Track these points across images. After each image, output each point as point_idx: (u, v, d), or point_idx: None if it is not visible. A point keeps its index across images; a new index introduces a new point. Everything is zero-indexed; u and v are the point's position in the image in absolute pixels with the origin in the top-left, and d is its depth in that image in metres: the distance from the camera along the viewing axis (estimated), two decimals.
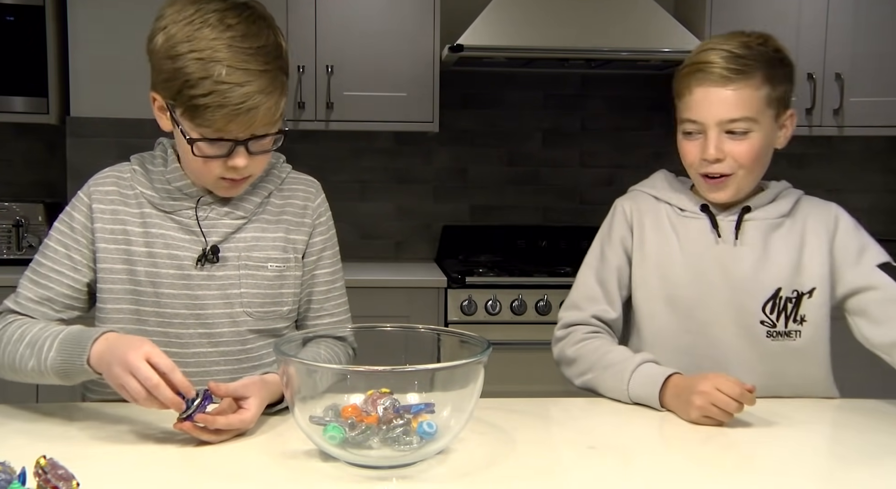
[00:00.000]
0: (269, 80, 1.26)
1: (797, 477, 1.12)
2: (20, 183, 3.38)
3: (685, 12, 3.35)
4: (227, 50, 1.23)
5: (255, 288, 1.40)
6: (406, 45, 3.13)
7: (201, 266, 1.38)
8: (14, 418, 1.32)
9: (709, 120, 1.42)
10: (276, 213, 1.44)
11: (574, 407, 1.44)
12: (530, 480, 1.08)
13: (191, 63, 1.23)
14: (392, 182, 3.51)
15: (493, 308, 2.90)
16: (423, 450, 1.10)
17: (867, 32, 3.21)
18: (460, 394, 1.12)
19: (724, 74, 1.40)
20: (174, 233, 1.38)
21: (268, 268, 1.40)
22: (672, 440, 1.27)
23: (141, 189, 1.40)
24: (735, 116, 1.41)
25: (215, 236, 1.39)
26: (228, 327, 1.39)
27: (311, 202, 1.48)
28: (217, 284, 1.38)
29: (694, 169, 1.48)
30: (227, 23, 1.25)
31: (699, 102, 1.42)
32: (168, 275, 1.37)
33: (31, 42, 3.03)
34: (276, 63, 1.28)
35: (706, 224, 1.50)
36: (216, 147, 1.29)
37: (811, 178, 3.63)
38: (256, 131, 1.28)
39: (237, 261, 1.39)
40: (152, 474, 1.08)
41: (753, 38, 1.44)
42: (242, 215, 1.40)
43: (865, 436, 1.30)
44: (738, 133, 1.42)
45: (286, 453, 1.17)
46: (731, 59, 1.40)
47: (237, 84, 1.22)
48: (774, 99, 1.44)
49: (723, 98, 1.41)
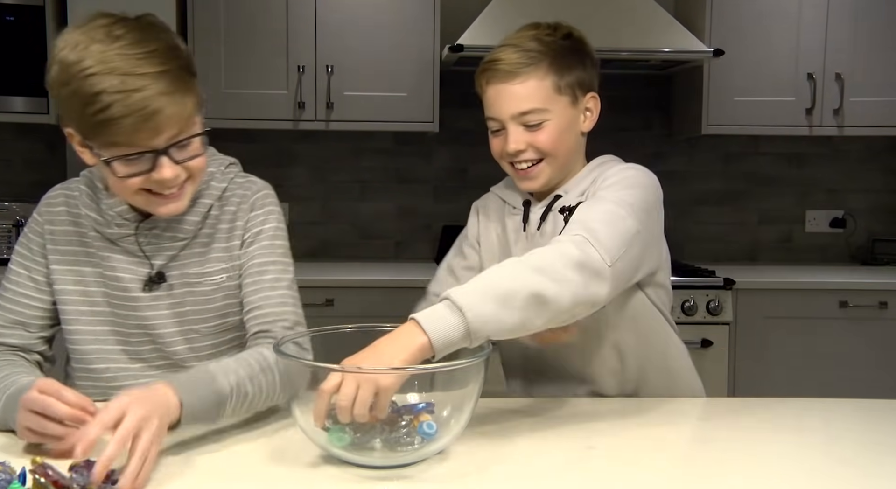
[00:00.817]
0: (169, 80, 1.20)
1: (797, 477, 1.12)
2: (20, 183, 3.38)
3: (685, 12, 3.35)
4: (119, 59, 1.18)
5: (200, 304, 1.39)
6: (406, 45, 3.13)
7: (148, 289, 1.37)
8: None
9: (503, 115, 1.44)
10: (213, 224, 1.41)
11: (574, 407, 1.44)
12: (530, 480, 1.08)
13: (83, 81, 1.18)
14: (392, 182, 3.51)
15: None
16: (423, 450, 1.11)
17: (867, 32, 3.21)
18: (460, 394, 1.12)
19: (508, 70, 1.42)
20: (120, 255, 1.37)
21: (206, 284, 1.39)
22: (672, 440, 1.27)
23: (86, 211, 1.38)
24: (524, 109, 1.42)
25: (160, 259, 1.38)
26: (183, 345, 1.39)
27: (244, 205, 1.42)
28: (165, 304, 1.38)
29: (504, 161, 1.49)
30: (114, 34, 1.20)
31: (492, 100, 1.45)
32: (119, 298, 1.37)
33: (31, 42, 3.03)
34: (173, 63, 1.22)
35: (518, 218, 1.53)
36: (136, 164, 1.23)
37: (811, 177, 3.63)
38: (173, 138, 1.24)
39: (180, 279, 1.38)
40: (152, 475, 1.08)
41: (542, 30, 1.47)
42: (183, 237, 1.38)
43: (864, 436, 1.30)
44: (533, 125, 1.43)
45: (286, 453, 1.17)
46: (518, 53, 1.42)
47: (134, 90, 1.17)
48: (566, 85, 1.44)
49: (511, 93, 1.42)
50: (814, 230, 3.65)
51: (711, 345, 2.92)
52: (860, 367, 3.03)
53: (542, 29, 1.47)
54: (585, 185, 1.47)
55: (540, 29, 1.47)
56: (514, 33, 1.48)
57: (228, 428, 1.28)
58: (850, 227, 3.64)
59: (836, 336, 3.03)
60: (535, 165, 1.45)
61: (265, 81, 3.11)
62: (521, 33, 1.47)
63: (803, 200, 3.65)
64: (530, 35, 1.46)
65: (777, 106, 3.24)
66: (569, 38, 1.48)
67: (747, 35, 3.22)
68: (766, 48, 3.23)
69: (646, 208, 1.36)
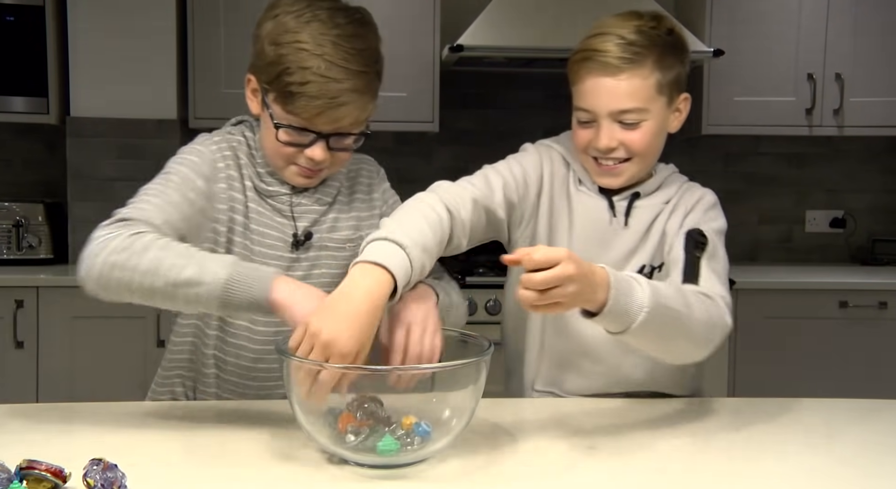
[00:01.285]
0: (365, 81, 1.30)
1: (797, 477, 1.12)
2: (20, 183, 3.38)
3: (685, 12, 3.35)
4: (331, 46, 1.27)
5: (333, 268, 1.43)
6: (406, 45, 3.13)
7: (295, 249, 1.41)
8: (14, 418, 1.32)
9: (600, 110, 1.38)
10: (348, 193, 1.48)
11: (574, 407, 1.44)
12: (530, 480, 1.08)
13: (294, 52, 1.27)
14: (392, 182, 3.49)
15: (493, 308, 2.90)
16: (423, 450, 1.11)
17: (867, 32, 3.21)
18: (461, 394, 1.12)
19: (613, 64, 1.35)
20: (270, 213, 1.40)
21: (346, 249, 1.44)
22: (672, 440, 1.27)
23: (247, 160, 1.40)
24: (626, 107, 1.37)
25: (305, 221, 1.42)
26: None
27: (375, 178, 1.54)
28: (301, 265, 1.41)
29: (587, 154, 1.44)
30: (336, 21, 1.29)
31: (589, 92, 1.38)
32: (260, 254, 1.39)
33: (31, 42, 3.03)
34: (373, 67, 1.32)
35: (602, 204, 1.46)
36: (300, 136, 1.32)
37: (811, 177, 3.63)
38: (341, 128, 1.32)
39: (319, 242, 1.42)
40: (152, 474, 1.08)
41: (646, 21, 1.39)
42: (328, 200, 1.44)
43: (864, 436, 1.30)
44: (630, 123, 1.38)
45: (286, 453, 1.17)
46: (622, 46, 1.35)
47: (334, 79, 1.26)
48: (666, 84, 1.39)
49: (612, 88, 1.36)
50: (814, 230, 3.66)
51: None
52: (860, 367, 3.03)
53: (645, 20, 1.39)
54: (668, 196, 1.47)
55: (643, 20, 1.39)
56: (611, 21, 1.40)
57: (229, 428, 1.28)
58: (850, 227, 3.64)
59: (836, 336, 3.03)
60: (621, 163, 1.41)
61: None
62: (623, 23, 1.38)
63: (803, 200, 3.65)
64: (634, 26, 1.37)
65: (777, 106, 3.24)
66: (672, 33, 1.41)
67: (747, 35, 3.22)
68: (766, 48, 3.23)
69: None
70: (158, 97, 3.12)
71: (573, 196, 1.49)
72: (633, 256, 1.46)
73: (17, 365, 2.82)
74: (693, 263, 1.37)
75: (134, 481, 1.01)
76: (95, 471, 0.98)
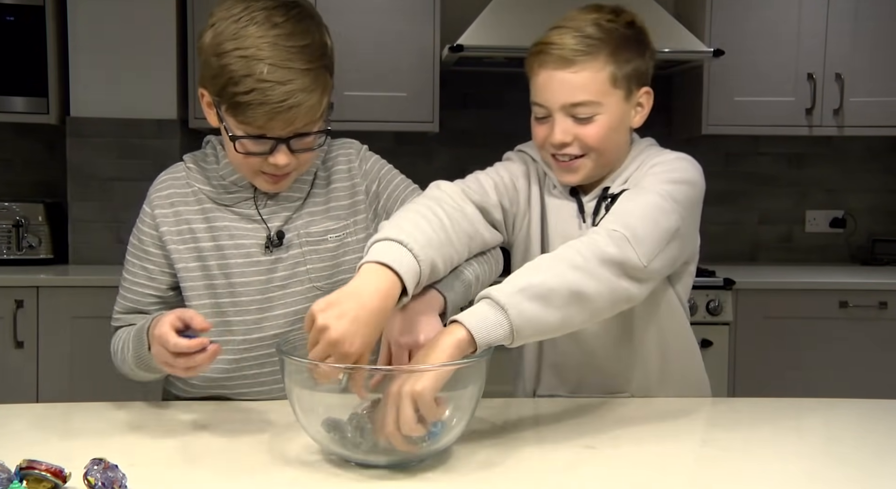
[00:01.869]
0: (312, 78, 1.27)
1: (797, 477, 1.12)
2: (20, 183, 3.38)
3: (685, 12, 3.35)
4: (271, 48, 1.24)
5: (320, 261, 1.42)
6: (406, 45, 3.13)
7: (269, 251, 1.40)
8: (14, 418, 1.32)
9: (553, 104, 1.35)
10: (324, 184, 1.46)
11: (574, 407, 1.44)
12: (530, 480, 1.08)
13: (235, 61, 1.24)
14: None
15: None
16: (424, 450, 1.11)
17: (867, 32, 3.21)
18: (461, 394, 1.12)
19: (565, 56, 1.33)
20: (236, 223, 1.41)
21: (328, 240, 1.43)
22: (672, 440, 1.27)
23: (198, 186, 1.43)
24: (576, 100, 1.33)
25: (276, 221, 1.41)
26: (304, 303, 1.40)
27: (354, 162, 1.48)
28: (284, 265, 1.41)
29: (545, 150, 1.41)
30: (273, 21, 1.26)
31: (543, 86, 1.36)
32: (238, 265, 1.40)
33: (31, 42, 3.03)
34: (319, 61, 1.29)
35: (572, 206, 1.43)
36: (258, 144, 1.30)
37: (811, 177, 3.63)
38: (298, 129, 1.29)
39: (298, 240, 1.41)
40: (152, 474, 1.08)
41: (604, 14, 1.36)
42: (298, 196, 1.43)
43: (864, 436, 1.30)
44: (583, 118, 1.34)
45: (286, 453, 1.17)
46: (577, 39, 1.33)
47: (278, 82, 1.23)
48: (622, 77, 1.35)
49: (564, 81, 1.33)
50: (814, 230, 3.66)
51: (711, 346, 2.92)
52: (860, 367, 3.03)
53: (603, 12, 1.37)
54: (630, 172, 1.41)
55: (602, 12, 1.37)
56: (572, 14, 1.38)
57: (229, 428, 1.28)
58: (850, 227, 3.64)
59: (836, 336, 3.03)
60: (577, 159, 1.37)
61: None
62: (581, 16, 1.37)
63: (803, 200, 3.65)
64: (590, 19, 1.36)
65: (777, 106, 3.24)
66: (631, 26, 1.38)
67: (747, 35, 3.22)
68: (766, 48, 3.23)
69: (689, 205, 1.33)
70: (158, 97, 3.12)
71: (546, 200, 1.47)
72: None
73: (17, 365, 2.82)
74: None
75: (134, 481, 1.01)
76: (96, 471, 0.98)
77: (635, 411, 1.39)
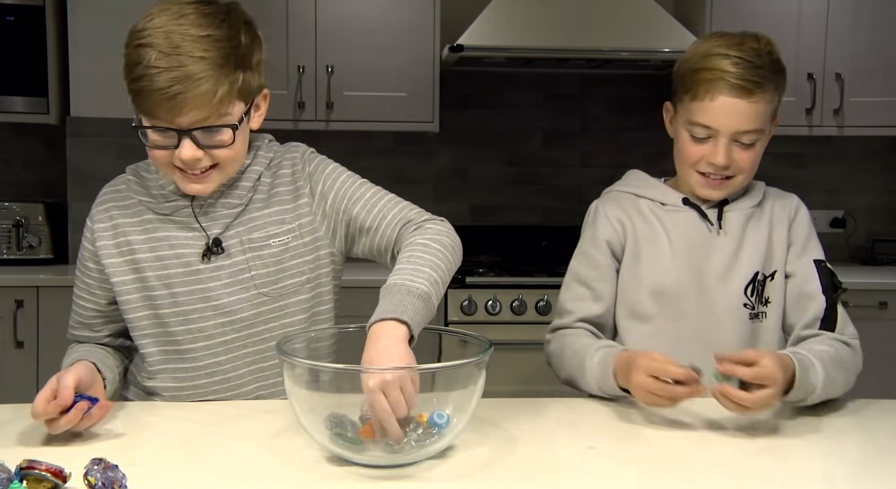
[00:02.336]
0: (205, 67, 1.23)
1: (797, 477, 1.12)
2: (20, 183, 3.38)
3: (685, 12, 3.35)
4: (164, 36, 1.22)
5: (264, 267, 1.40)
6: (406, 45, 3.13)
7: (208, 260, 1.39)
8: (14, 418, 1.31)
9: (723, 128, 1.45)
10: (267, 189, 1.43)
11: (574, 407, 1.44)
12: (530, 480, 1.08)
13: (132, 51, 1.24)
14: (392, 182, 3.46)
15: (493, 308, 2.91)
16: (424, 449, 1.11)
17: (867, 32, 3.21)
18: (461, 393, 1.12)
19: (746, 87, 1.43)
20: (176, 232, 1.40)
21: (272, 245, 1.41)
22: (672, 440, 1.27)
23: (138, 197, 1.42)
24: (749, 128, 1.45)
25: (216, 228, 1.40)
26: (249, 311, 1.40)
27: (298, 164, 1.45)
28: (226, 273, 1.39)
29: (694, 167, 1.51)
30: (182, 13, 1.25)
31: (717, 111, 1.44)
32: (178, 274, 1.39)
33: (31, 42, 3.03)
34: (219, 52, 1.25)
35: (692, 215, 1.55)
36: (164, 137, 1.28)
37: (811, 178, 3.63)
38: (197, 121, 1.26)
39: (241, 246, 1.40)
40: (152, 474, 1.08)
41: (762, 46, 1.47)
42: (237, 203, 1.41)
43: (864, 436, 1.30)
44: (747, 143, 1.47)
45: (286, 453, 1.17)
46: (751, 70, 1.43)
47: (164, 68, 1.21)
48: (776, 107, 1.49)
49: (742, 110, 1.43)
50: None
51: None
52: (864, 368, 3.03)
53: (761, 44, 1.48)
54: (755, 200, 1.57)
55: (759, 44, 1.48)
56: (729, 41, 1.47)
57: (229, 428, 1.28)
58: (850, 227, 3.64)
59: None
60: (728, 179, 1.50)
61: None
62: (740, 45, 1.46)
63: (803, 200, 3.64)
64: (754, 50, 1.46)
65: None
66: (780, 58, 1.51)
67: None
68: None
69: None
70: None
71: (662, 216, 1.56)
72: (736, 261, 1.52)
73: (17, 365, 2.82)
74: (832, 307, 1.50)
75: (134, 481, 1.01)
76: (97, 471, 0.98)
77: (635, 411, 1.39)
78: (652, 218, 1.56)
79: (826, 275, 1.53)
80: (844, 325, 1.50)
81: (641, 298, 1.54)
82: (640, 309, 1.54)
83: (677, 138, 1.53)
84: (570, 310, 1.57)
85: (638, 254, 1.55)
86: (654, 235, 1.55)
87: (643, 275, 1.54)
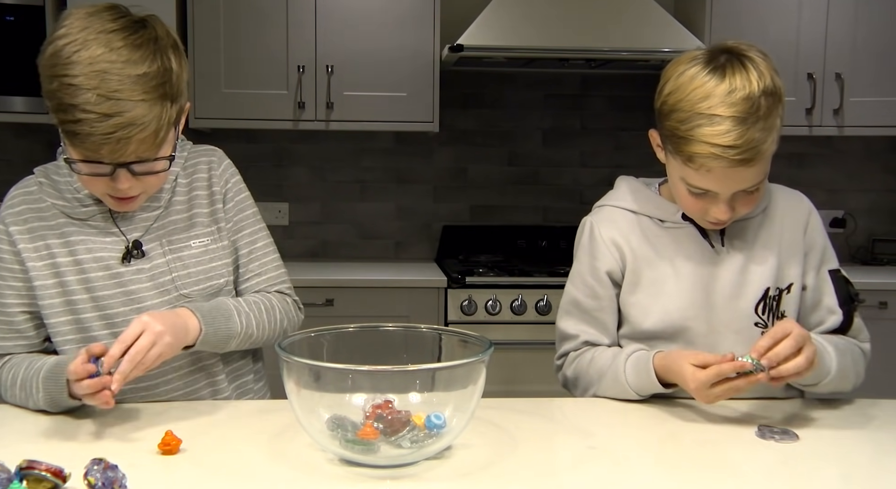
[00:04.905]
0: (146, 109, 1.21)
1: (797, 477, 1.12)
2: None
3: (685, 12, 3.35)
4: (100, 78, 1.18)
5: (185, 269, 1.41)
6: (406, 45, 3.13)
7: (128, 262, 1.38)
8: (14, 418, 1.32)
9: (725, 192, 1.36)
10: (186, 191, 1.44)
11: (574, 407, 1.44)
12: (530, 480, 1.08)
13: (64, 88, 1.19)
14: (392, 182, 3.51)
15: (493, 308, 2.91)
16: (424, 449, 1.11)
17: (867, 32, 3.21)
18: (461, 393, 1.12)
19: (746, 158, 1.30)
20: (94, 237, 1.38)
21: (192, 247, 1.42)
22: (672, 440, 1.27)
23: (51, 200, 1.39)
24: (750, 186, 1.36)
25: (136, 232, 1.40)
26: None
27: (216, 170, 1.47)
28: (147, 275, 1.39)
29: (694, 217, 1.44)
30: (112, 45, 1.20)
31: (715, 178, 1.34)
32: (98, 278, 1.38)
33: (31, 42, 3.03)
34: (156, 91, 1.22)
35: (692, 232, 1.47)
36: (97, 168, 1.25)
37: (811, 178, 3.63)
38: (136, 156, 1.24)
39: (161, 248, 1.40)
40: (153, 474, 1.08)
41: (755, 82, 1.32)
42: (157, 205, 1.41)
43: (864, 435, 1.30)
44: (751, 191, 1.38)
45: (286, 453, 1.17)
46: (749, 133, 1.29)
47: (105, 114, 1.18)
48: (779, 135, 1.36)
49: (743, 176, 1.34)
50: None
51: None
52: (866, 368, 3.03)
53: (754, 79, 1.32)
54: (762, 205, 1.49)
55: (752, 80, 1.32)
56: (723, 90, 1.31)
57: (229, 428, 1.28)
58: (850, 227, 3.64)
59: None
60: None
61: (265, 81, 3.11)
62: (734, 95, 1.30)
63: None
64: (748, 99, 1.30)
65: None
66: (776, 81, 1.36)
67: (747, 35, 3.21)
68: (766, 48, 3.20)
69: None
70: None
71: (661, 236, 1.49)
72: (745, 278, 1.46)
73: None
74: (849, 316, 1.50)
75: (134, 481, 1.01)
76: (97, 471, 0.98)
77: (635, 411, 1.39)
78: (651, 237, 1.49)
79: (842, 287, 1.49)
80: (858, 331, 1.53)
81: (645, 325, 1.47)
82: (644, 333, 1.48)
83: (672, 183, 1.44)
84: (575, 334, 1.53)
85: (639, 279, 1.49)
86: (654, 258, 1.48)
87: (646, 303, 1.48)
